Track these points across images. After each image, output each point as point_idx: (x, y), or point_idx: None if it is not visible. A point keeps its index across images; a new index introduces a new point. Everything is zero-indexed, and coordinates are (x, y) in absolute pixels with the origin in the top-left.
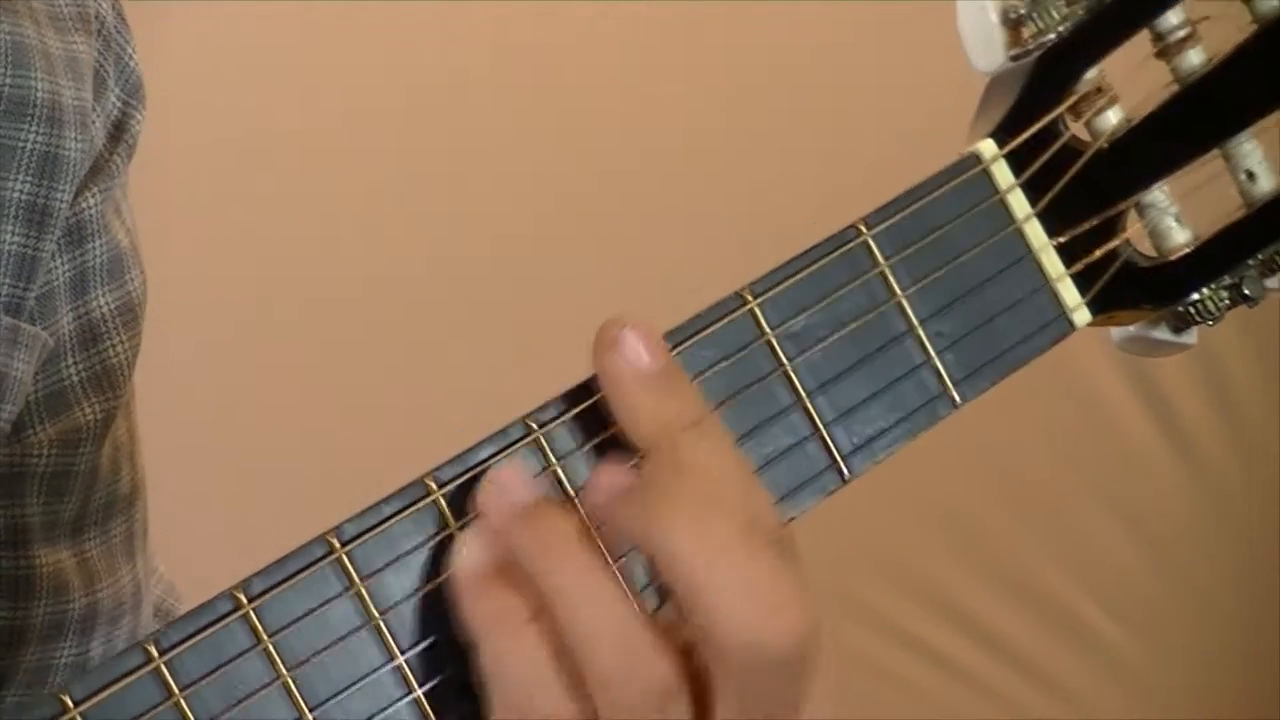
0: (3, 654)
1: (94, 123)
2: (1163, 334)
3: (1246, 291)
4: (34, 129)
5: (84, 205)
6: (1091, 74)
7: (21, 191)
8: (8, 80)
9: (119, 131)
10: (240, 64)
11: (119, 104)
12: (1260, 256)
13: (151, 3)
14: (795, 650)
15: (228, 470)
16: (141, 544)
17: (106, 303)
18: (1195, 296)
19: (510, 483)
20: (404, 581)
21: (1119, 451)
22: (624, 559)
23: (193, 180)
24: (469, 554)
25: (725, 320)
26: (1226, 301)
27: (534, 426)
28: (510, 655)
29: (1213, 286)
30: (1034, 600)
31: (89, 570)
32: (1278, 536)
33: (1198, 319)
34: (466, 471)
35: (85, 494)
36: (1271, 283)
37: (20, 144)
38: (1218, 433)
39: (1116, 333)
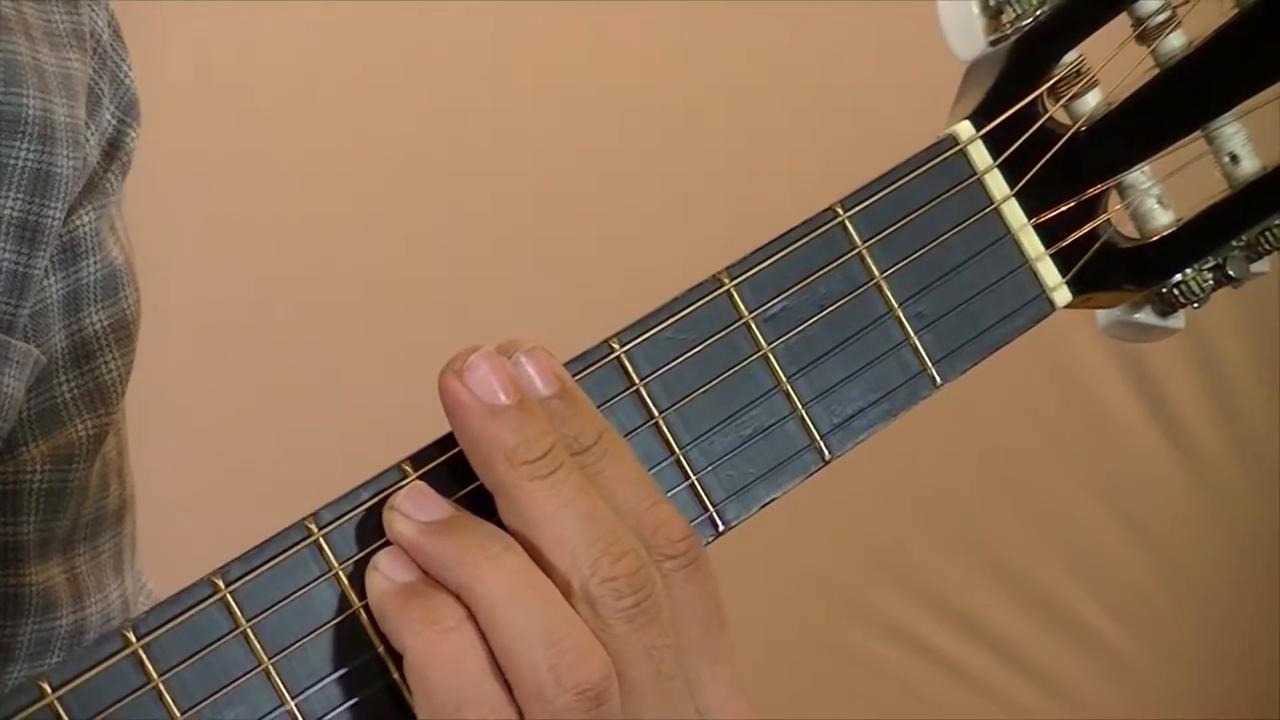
0: None
1: (88, 140)
2: (1148, 317)
3: (1230, 273)
4: (25, 146)
5: (78, 223)
6: (1070, 57)
7: (12, 209)
8: None
9: (114, 149)
10: (238, 64)
11: (114, 122)
12: (1244, 238)
13: (150, 3)
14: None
15: (214, 466)
16: (130, 559)
17: (99, 320)
18: (1178, 278)
19: (422, 500)
20: None
21: (1119, 450)
22: None
23: (180, 179)
24: (387, 567)
25: (703, 302)
26: (1210, 283)
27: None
28: (436, 661)
29: (1196, 268)
30: (1032, 599)
31: (78, 587)
32: (1277, 535)
33: (1182, 301)
34: (445, 457)
35: (76, 510)
36: (1256, 265)
37: (11, 161)
38: (1217, 431)
39: (1103, 317)
